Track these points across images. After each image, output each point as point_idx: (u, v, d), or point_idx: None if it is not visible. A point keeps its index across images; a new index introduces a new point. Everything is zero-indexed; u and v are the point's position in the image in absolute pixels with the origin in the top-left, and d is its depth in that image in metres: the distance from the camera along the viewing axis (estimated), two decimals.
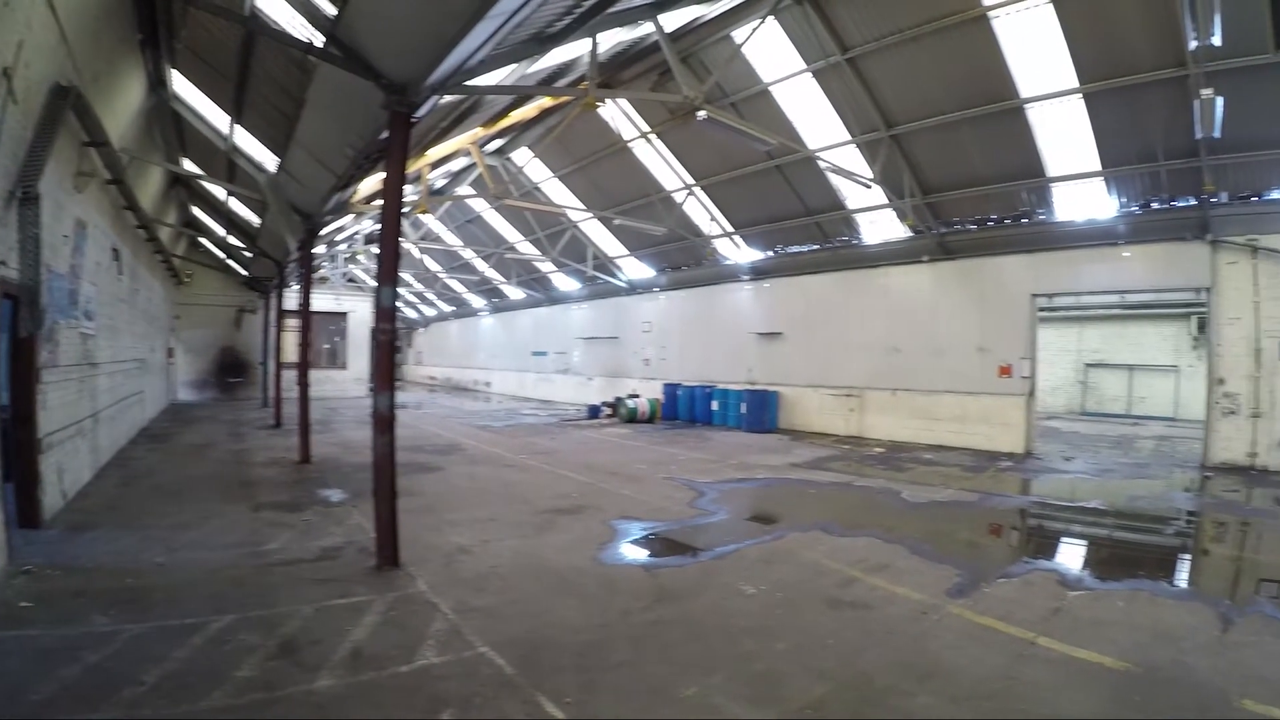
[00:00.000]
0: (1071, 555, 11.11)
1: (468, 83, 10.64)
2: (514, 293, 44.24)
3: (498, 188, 22.12)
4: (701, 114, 14.35)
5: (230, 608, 7.20)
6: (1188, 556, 11.32)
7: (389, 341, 9.32)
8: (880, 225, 23.80)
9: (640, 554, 10.03)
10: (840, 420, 24.91)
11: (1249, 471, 17.27)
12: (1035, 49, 16.53)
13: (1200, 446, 19.12)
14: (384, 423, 9.14)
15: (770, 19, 16.72)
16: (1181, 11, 12.34)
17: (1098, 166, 18.61)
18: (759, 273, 28.16)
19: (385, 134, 9.55)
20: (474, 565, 9.05)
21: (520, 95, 17.62)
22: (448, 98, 12.37)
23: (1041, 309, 23.21)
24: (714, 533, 11.20)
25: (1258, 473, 17.12)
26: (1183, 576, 9.97)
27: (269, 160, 17.69)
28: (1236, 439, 17.86)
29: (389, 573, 8.61)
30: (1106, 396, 36.61)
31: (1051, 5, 15.22)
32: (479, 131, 19.58)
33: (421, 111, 9.72)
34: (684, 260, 30.93)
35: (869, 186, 19.64)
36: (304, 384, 17.52)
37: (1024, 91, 17.48)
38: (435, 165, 21.33)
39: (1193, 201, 18.09)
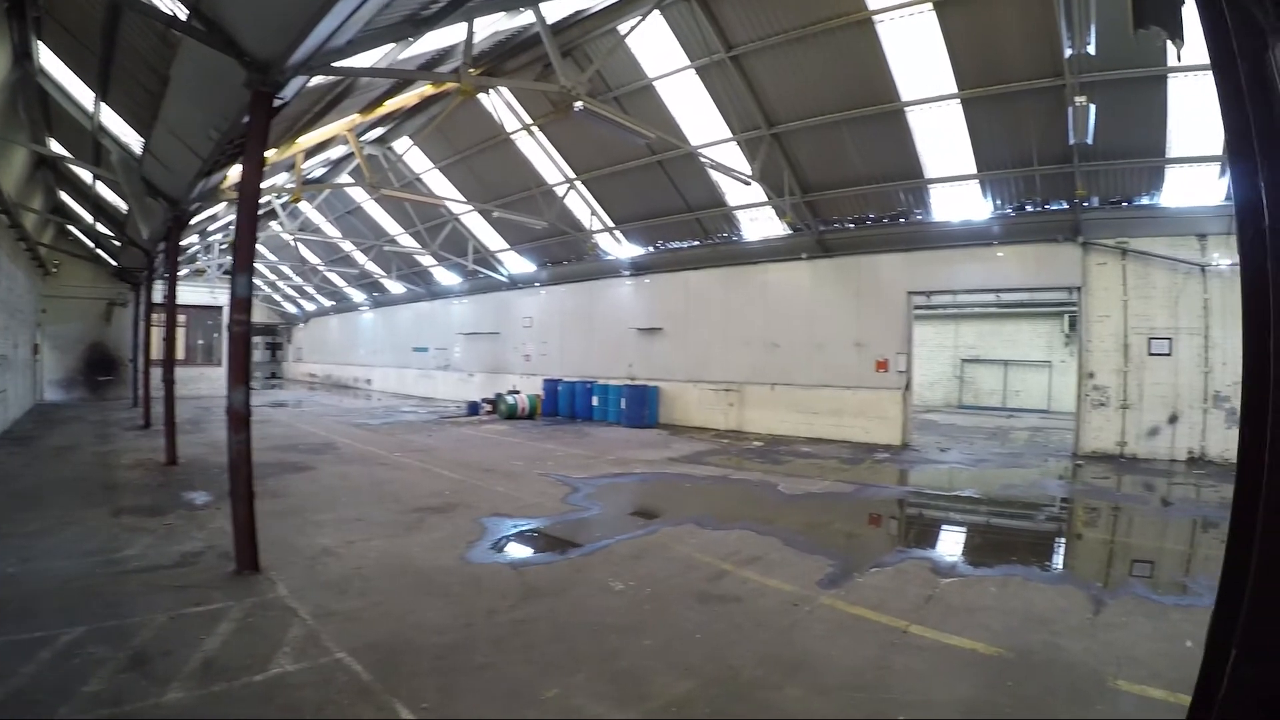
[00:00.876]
0: (946, 543, 11.27)
1: (335, 64, 10.14)
2: (395, 287, 43.27)
3: (375, 177, 21.55)
4: (579, 105, 14.11)
5: (83, 619, 6.76)
6: (1060, 541, 11.60)
7: (244, 334, 8.85)
8: (760, 223, 23.89)
9: (509, 552, 9.78)
10: (720, 415, 24.96)
11: (1119, 459, 18.30)
12: (917, 54, 16.75)
13: (1072, 437, 20.11)
14: (239, 420, 8.77)
15: (656, 14, 16.64)
16: (1059, 22, 12.55)
17: (974, 169, 19.04)
18: (640, 268, 28.10)
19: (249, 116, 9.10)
20: (338, 567, 8.68)
21: (399, 81, 17.05)
22: (317, 80, 11.91)
23: (919, 307, 23.78)
24: (586, 529, 10.99)
25: (1127, 460, 18.18)
26: (1055, 561, 10.18)
27: (136, 142, 16.85)
28: (1107, 429, 18.88)
29: (248, 578, 8.17)
30: (983, 390, 37.54)
31: (935, 13, 15.48)
32: (356, 119, 18.95)
33: (287, 93, 9.31)
34: (565, 255, 30.62)
35: (748, 183, 19.72)
36: (169, 381, 16.60)
37: (905, 95, 17.76)
38: (311, 153, 20.67)
39: (1065, 205, 18.78)
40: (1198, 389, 17.87)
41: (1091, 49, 11.86)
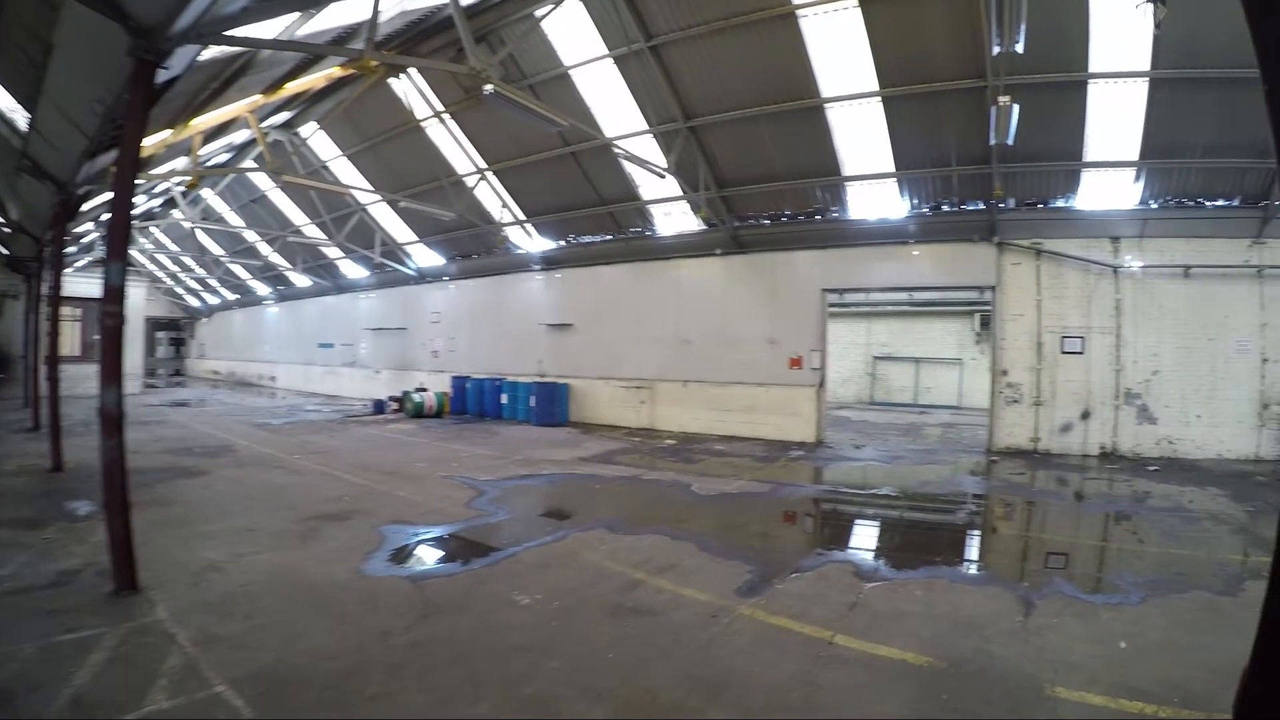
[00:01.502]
0: (867, 544, 10.99)
1: (228, 33, 9.45)
2: (300, 280, 41.76)
3: (277, 163, 20.71)
4: (489, 88, 13.55)
5: None
6: (983, 540, 11.45)
7: (116, 326, 7.91)
8: (674, 218, 23.56)
9: (408, 564, 9.19)
10: (632, 413, 24.63)
11: (1033, 455, 18.69)
12: (840, 50, 16.64)
13: (985, 433, 20.57)
14: (112, 423, 7.75)
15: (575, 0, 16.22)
16: (987, 20, 12.63)
17: (892, 168, 19.05)
18: (551, 262, 27.54)
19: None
20: (224, 585, 7.98)
21: (303, 60, 16.24)
22: (213, 53, 11.40)
23: (832, 304, 23.80)
24: (490, 536, 10.49)
25: (1040, 456, 18.60)
26: (980, 561, 10.01)
27: (24, 118, 15.84)
28: (1020, 425, 19.31)
29: (126, 599, 7.43)
30: (895, 387, 37.93)
31: (860, 9, 15.39)
32: (259, 99, 18.02)
33: (174, 64, 8.61)
34: (475, 248, 29.90)
35: (663, 176, 19.33)
36: (54, 380, 15.60)
37: (825, 91, 17.63)
38: (212, 136, 19.65)
39: (982, 206, 19.02)
40: (1110, 386, 18.54)
41: (1020, 47, 11.81)
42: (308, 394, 39.68)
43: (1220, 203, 17.74)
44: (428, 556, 9.60)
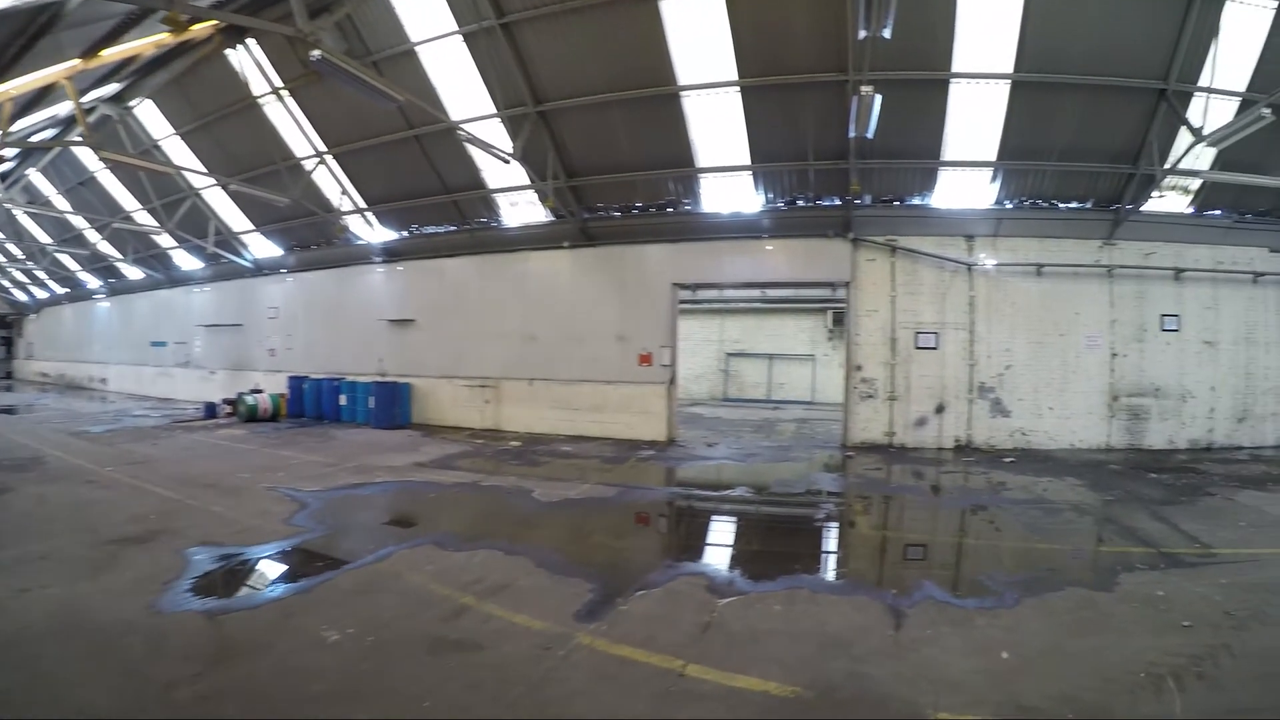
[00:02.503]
0: (720, 553, 10.38)
1: None
2: (132, 272, 39.08)
3: (95, 136, 19.03)
4: (316, 54, 12.43)
5: None
6: (845, 543, 10.92)
7: None
8: (521, 208, 22.77)
9: (208, 595, 7.85)
10: (476, 413, 23.68)
11: (888, 449, 19.04)
12: (700, 37, 16.34)
13: (839, 428, 20.80)
14: None
15: None
16: (854, 3, 12.27)
17: (748, 161, 18.88)
18: (392, 254, 26.30)
19: None
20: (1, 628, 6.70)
21: (123, 19, 14.72)
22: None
23: (685, 301, 23.72)
24: (305, 557, 9.34)
25: (896, 450, 18.96)
26: (842, 567, 9.36)
27: None
28: (875, 420, 19.58)
29: None
30: (748, 383, 38.28)
31: None
32: (78, 64, 16.48)
33: None
34: (314, 238, 28.28)
35: (508, 162, 18.29)
36: None
37: (683, 79, 17.33)
38: (28, 107, 18.01)
39: (838, 201, 19.13)
40: (963, 380, 19.16)
41: (888, 33, 11.40)
42: (140, 397, 36.71)
43: (1074, 205, 18.55)
44: (232, 585, 8.35)
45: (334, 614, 7.08)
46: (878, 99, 13.09)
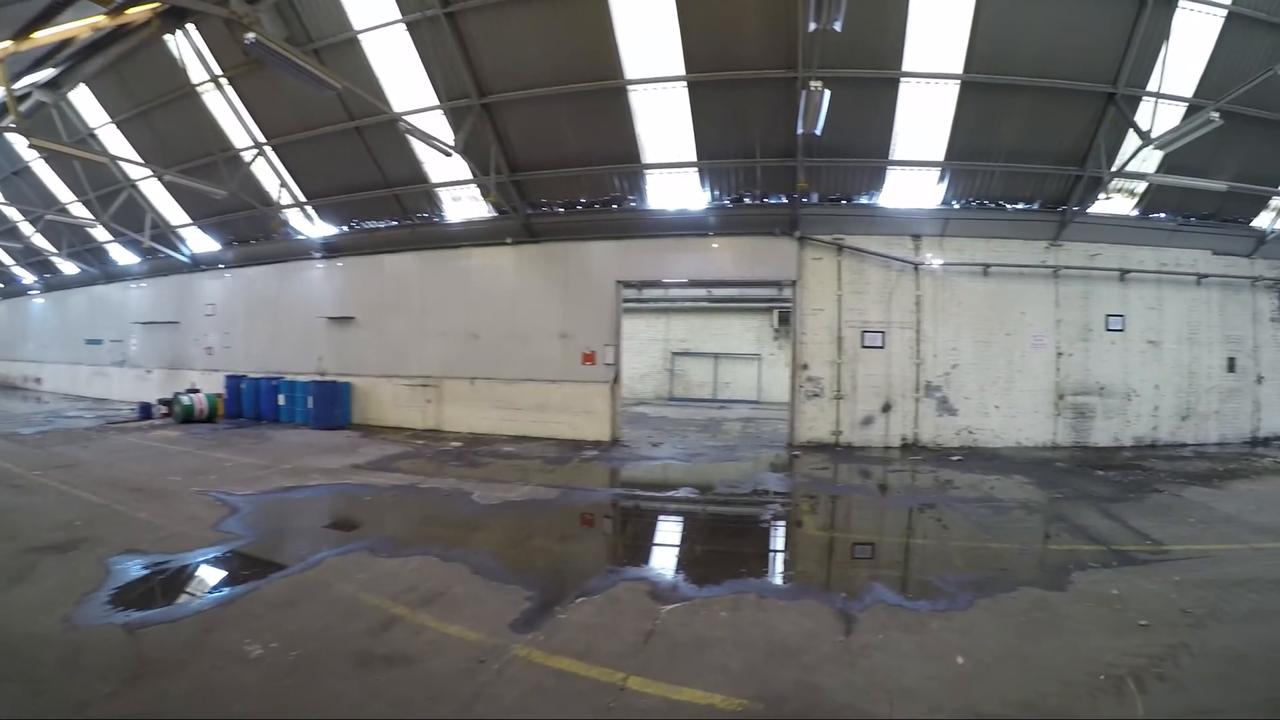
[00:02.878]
0: (664, 557, 9.99)
1: None
2: (67, 267, 37.87)
3: (25, 124, 18.34)
4: (250, 36, 12.01)
5: None
6: (791, 544, 10.69)
7: None
8: (464, 203, 22.41)
9: (129, 607, 7.33)
10: (417, 413, 23.23)
11: (835, 448, 19.07)
12: (648, 30, 16.23)
13: (786, 427, 20.77)
14: None
15: None
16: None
17: (695, 158, 18.80)
18: (332, 250, 25.68)
19: None
20: None
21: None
22: None
23: (630, 299, 23.59)
24: (231, 565, 8.83)
25: (843, 449, 19.00)
26: (789, 569, 9.11)
27: None
28: (821, 419, 19.59)
29: None
30: (693, 382, 38.48)
31: None
32: (9, 46, 15.85)
33: None
34: (253, 233, 27.54)
35: (449, 154, 17.81)
36: None
37: (630, 72, 17.16)
38: None
39: (785, 199, 19.13)
40: (910, 379, 19.33)
41: (839, 26, 11.31)
42: (75, 397, 35.52)
43: (1021, 206, 18.83)
44: (154, 596, 7.81)
45: (258, 627, 6.65)
46: (827, 94, 13.05)
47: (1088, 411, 19.15)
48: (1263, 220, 19.99)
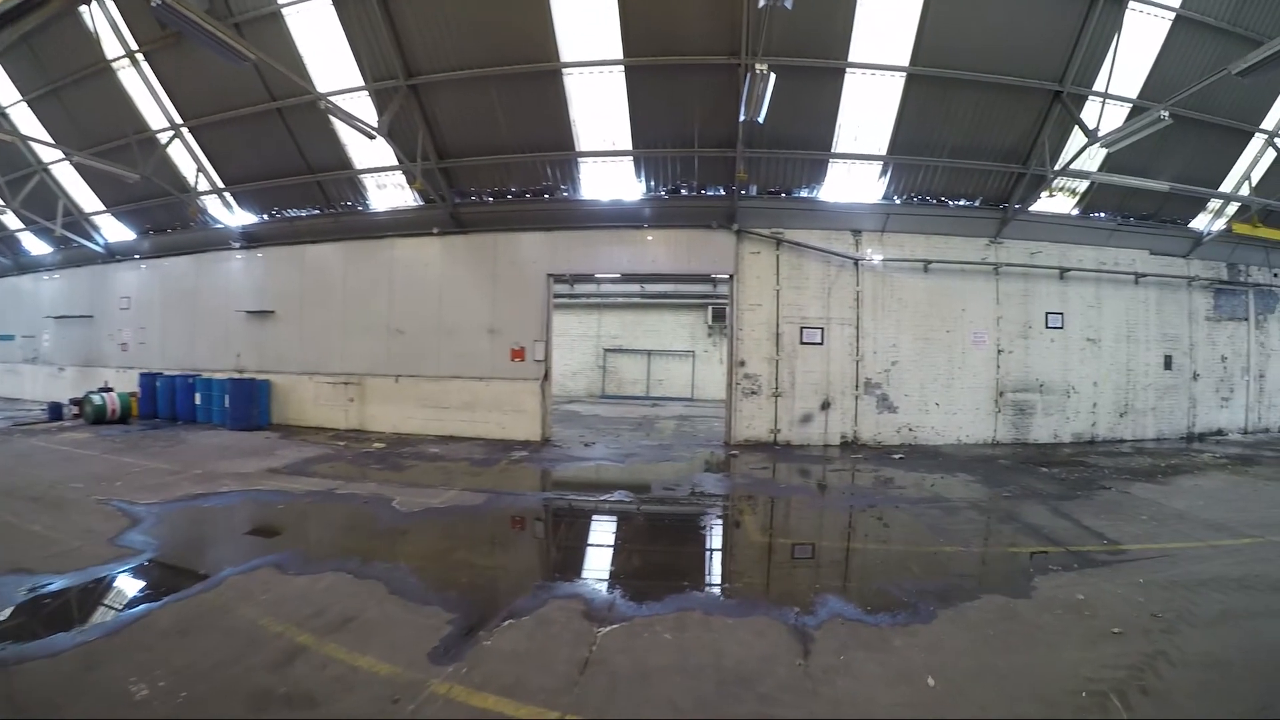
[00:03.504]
0: (599, 569, 9.23)
1: None
2: None
3: None
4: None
5: None
6: (736, 553, 10.03)
7: None
8: (389, 191, 21.66)
9: (3, 639, 6.37)
10: (340, 412, 22.35)
11: (773, 447, 18.88)
12: (586, 10, 15.80)
13: (721, 425, 20.96)
14: None
15: None
16: None
17: (630, 146, 18.39)
18: (252, 239, 24.64)
19: None
20: None
21: None
22: None
23: (562, 295, 23.34)
24: (125, 586, 7.93)
25: (781, 447, 18.84)
26: (736, 582, 8.45)
27: None
28: (759, 417, 19.36)
29: None
30: (626, 380, 38.25)
31: None
32: None
33: None
34: (169, 221, 26.36)
35: (373, 137, 17.04)
36: None
37: (565, 55, 16.66)
38: None
39: (723, 191, 18.87)
40: (849, 376, 19.26)
41: (790, 2, 11.24)
42: None
43: (963, 203, 18.89)
44: (35, 624, 6.86)
45: (147, 660, 5.82)
46: (772, 78, 12.76)
47: (1028, 408, 19.27)
48: (1200, 221, 20.38)
